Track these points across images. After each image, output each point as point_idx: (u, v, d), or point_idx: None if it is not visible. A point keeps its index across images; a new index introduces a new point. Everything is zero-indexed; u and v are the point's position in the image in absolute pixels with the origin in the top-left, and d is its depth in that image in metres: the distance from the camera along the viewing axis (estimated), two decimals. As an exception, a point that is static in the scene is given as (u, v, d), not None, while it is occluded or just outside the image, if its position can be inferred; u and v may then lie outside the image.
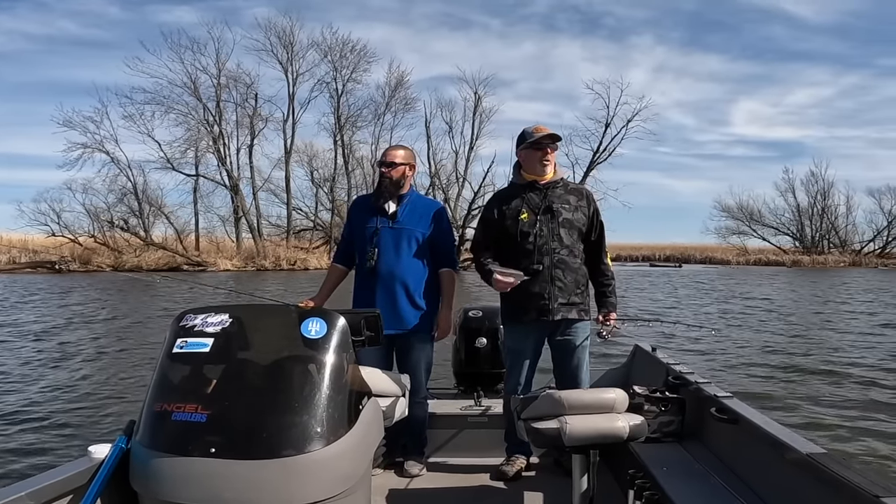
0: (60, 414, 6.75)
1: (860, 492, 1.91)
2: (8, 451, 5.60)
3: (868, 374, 8.91)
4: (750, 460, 2.65)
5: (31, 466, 5.06)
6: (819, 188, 51.75)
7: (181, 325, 2.33)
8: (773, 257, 50.40)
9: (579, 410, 2.61)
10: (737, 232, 53.66)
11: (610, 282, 3.60)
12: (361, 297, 3.62)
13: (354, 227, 3.75)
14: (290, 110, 40.14)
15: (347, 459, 2.16)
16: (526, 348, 3.53)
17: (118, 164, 36.44)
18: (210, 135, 38.17)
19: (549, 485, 3.44)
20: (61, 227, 34.95)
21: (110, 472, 2.16)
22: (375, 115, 41.41)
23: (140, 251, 35.27)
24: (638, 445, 2.90)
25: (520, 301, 3.44)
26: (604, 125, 39.11)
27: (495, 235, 3.54)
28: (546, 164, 3.48)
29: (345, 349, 2.30)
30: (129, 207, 37.06)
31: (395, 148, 3.77)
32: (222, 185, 39.12)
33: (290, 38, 39.52)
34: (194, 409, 2.11)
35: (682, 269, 42.43)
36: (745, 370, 9.18)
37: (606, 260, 3.61)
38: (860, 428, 6.34)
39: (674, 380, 3.44)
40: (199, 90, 37.77)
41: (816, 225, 52.08)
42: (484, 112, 41.92)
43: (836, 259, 48.20)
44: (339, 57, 40.06)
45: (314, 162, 42.10)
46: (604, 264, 3.60)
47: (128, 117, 36.36)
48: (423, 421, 3.73)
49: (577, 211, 3.51)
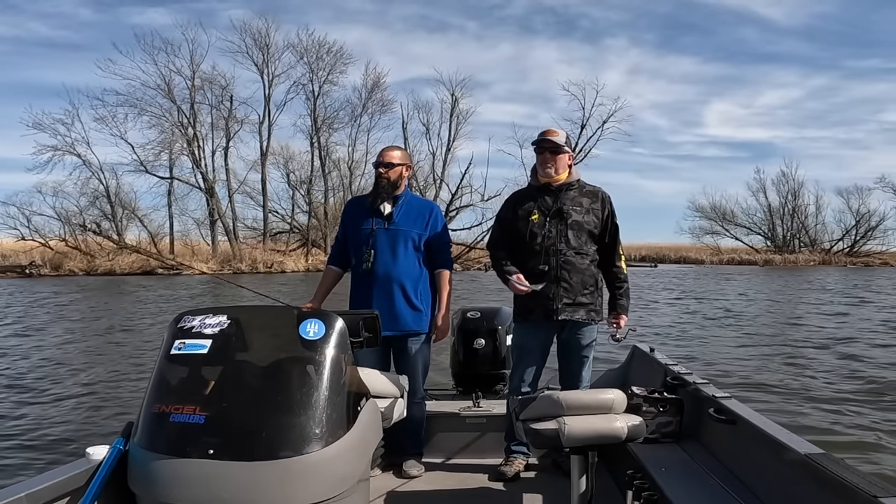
0: (60, 414, 6.69)
1: (858, 492, 1.92)
2: (6, 452, 5.54)
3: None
4: (748, 461, 2.66)
5: (30, 468, 5.03)
6: (790, 188, 52.46)
7: (179, 327, 2.32)
8: (745, 256, 50.98)
9: (578, 411, 2.61)
10: (710, 232, 54.27)
11: (622, 284, 3.61)
12: (358, 298, 3.61)
13: (349, 229, 3.72)
14: (266, 112, 39.83)
15: (346, 461, 2.16)
16: (531, 346, 3.55)
17: (90, 166, 35.88)
18: (184, 137, 37.69)
19: (547, 485, 3.44)
20: (31, 231, 34.45)
21: (108, 474, 2.15)
22: (352, 117, 41.21)
23: (113, 255, 34.77)
24: (636, 446, 2.90)
25: (527, 300, 3.49)
26: (579, 126, 39.43)
27: (509, 234, 3.58)
28: (548, 167, 3.52)
29: (343, 350, 2.31)
30: (101, 211, 36.53)
31: (391, 149, 3.75)
32: (197, 188, 38.73)
33: (265, 40, 39.21)
34: (192, 411, 2.11)
35: (658, 269, 42.81)
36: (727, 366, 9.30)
37: (620, 262, 3.62)
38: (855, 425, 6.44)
39: (672, 380, 3.46)
40: (172, 92, 37.29)
41: (787, 224, 52.81)
42: (461, 114, 42.02)
43: (807, 258, 48.91)
44: (315, 59, 39.86)
45: (290, 164, 41.84)
46: (616, 267, 3.62)
47: (100, 119, 35.79)
48: (420, 422, 3.72)
49: (588, 213, 3.53)
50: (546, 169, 3.53)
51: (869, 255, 50.10)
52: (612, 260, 3.61)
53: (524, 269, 3.50)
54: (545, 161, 3.52)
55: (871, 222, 50.74)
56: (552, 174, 3.53)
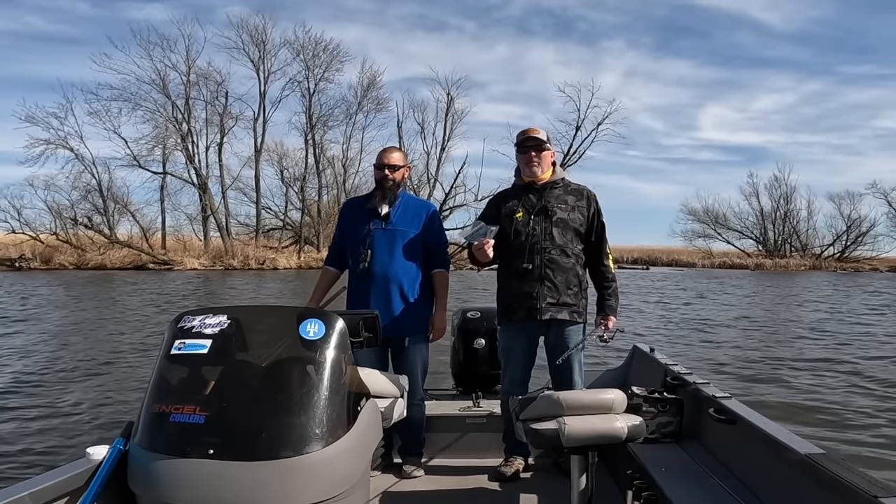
0: (59, 414, 6.64)
1: (858, 492, 1.92)
2: (6, 453, 5.49)
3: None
4: (748, 461, 2.67)
5: (30, 468, 5.00)
6: (782, 192, 52.72)
7: (179, 327, 2.30)
8: (737, 260, 51.22)
9: (578, 411, 2.61)
10: (702, 235, 54.55)
11: (610, 284, 3.57)
12: (356, 299, 3.60)
13: (346, 230, 3.71)
14: (261, 109, 39.71)
15: (346, 461, 2.15)
16: (517, 347, 3.52)
17: (83, 160, 35.64)
18: (178, 132, 37.52)
19: (547, 486, 3.44)
20: (22, 225, 34.12)
21: (108, 474, 2.14)
22: (347, 115, 41.22)
23: (104, 249, 34.59)
24: (636, 446, 2.91)
25: (511, 300, 3.48)
26: (574, 128, 39.52)
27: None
28: (533, 166, 3.50)
29: (343, 350, 2.30)
30: (93, 205, 36.27)
31: (392, 150, 3.74)
32: (190, 184, 38.53)
33: (262, 37, 39.10)
34: (192, 411, 2.10)
35: (649, 271, 42.94)
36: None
37: (607, 262, 3.59)
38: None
39: (672, 380, 3.47)
40: (167, 87, 37.10)
41: (779, 229, 53.08)
42: (456, 113, 42.05)
43: (798, 262, 49.14)
44: (311, 56, 39.80)
45: (284, 161, 41.74)
46: (604, 266, 3.58)
47: (93, 114, 35.58)
48: (420, 422, 3.71)
49: (574, 211, 3.51)
50: (532, 168, 3.51)
51: (859, 260, 50.37)
52: (600, 259, 3.57)
53: (508, 268, 3.48)
54: (530, 160, 3.51)
55: (861, 228, 51.11)
56: (538, 172, 3.52)
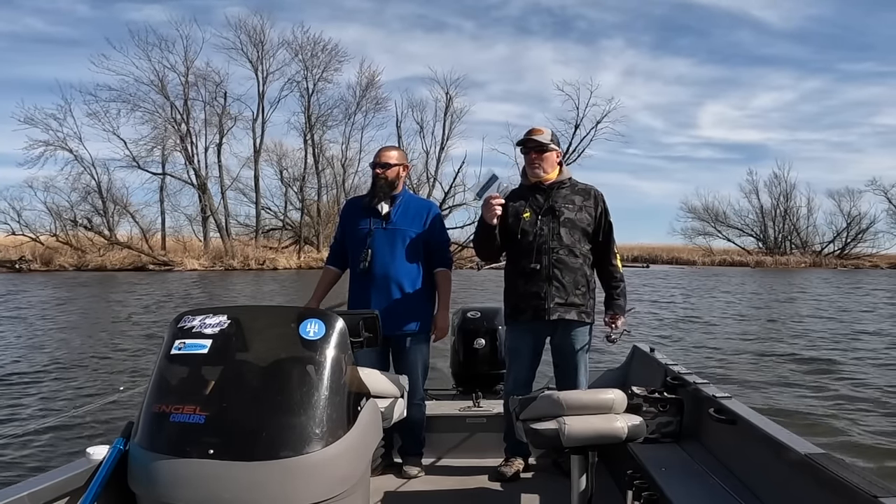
0: (58, 414, 6.63)
1: (858, 492, 1.92)
2: (6, 453, 5.50)
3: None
4: (748, 461, 2.66)
5: (29, 468, 5.00)
6: (781, 190, 52.63)
7: (179, 327, 2.30)
8: (737, 258, 51.17)
9: (578, 411, 2.60)
10: (702, 233, 54.45)
11: (618, 283, 3.57)
12: (357, 298, 3.59)
13: (347, 229, 3.71)
14: (260, 109, 39.68)
15: (346, 461, 2.15)
16: (524, 348, 3.51)
17: (82, 161, 35.67)
18: (177, 133, 37.51)
19: (547, 486, 3.44)
20: (21, 226, 34.10)
21: (108, 474, 2.14)
22: (346, 115, 41.14)
23: (104, 250, 34.59)
24: (636, 446, 2.90)
25: (518, 300, 3.47)
26: (573, 126, 39.48)
27: (500, 234, 3.52)
28: (535, 168, 3.50)
29: (343, 350, 2.30)
30: (92, 206, 36.29)
31: (388, 149, 3.73)
32: (190, 184, 38.52)
33: (260, 37, 39.06)
34: (192, 411, 2.10)
35: (650, 269, 42.94)
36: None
37: (615, 261, 3.58)
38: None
39: (672, 380, 3.46)
40: (166, 88, 37.11)
41: (779, 226, 53.04)
42: (455, 112, 41.91)
43: (798, 260, 49.13)
44: (310, 56, 39.76)
45: (284, 161, 41.72)
46: (612, 265, 3.58)
47: (92, 115, 35.57)
48: (420, 422, 3.71)
49: (581, 211, 3.50)
50: (534, 169, 3.50)
51: (859, 257, 50.35)
52: (608, 258, 3.57)
53: (516, 268, 3.48)
54: (532, 161, 3.50)
55: (861, 225, 51.08)
56: (540, 174, 3.51)
